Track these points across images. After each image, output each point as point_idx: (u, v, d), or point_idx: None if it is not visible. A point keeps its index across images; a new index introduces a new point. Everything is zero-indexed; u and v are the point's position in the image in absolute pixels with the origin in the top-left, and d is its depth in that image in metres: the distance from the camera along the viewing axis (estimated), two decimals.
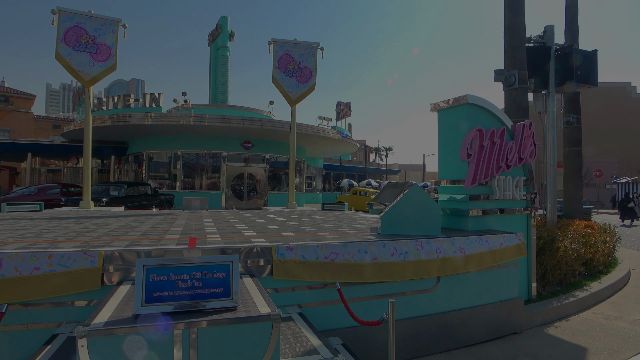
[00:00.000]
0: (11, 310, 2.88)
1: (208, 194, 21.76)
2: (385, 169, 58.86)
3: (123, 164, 26.98)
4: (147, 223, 5.76)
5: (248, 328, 2.35)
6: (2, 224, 5.43)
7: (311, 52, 11.35)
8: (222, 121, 20.04)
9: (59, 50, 10.07)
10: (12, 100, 44.26)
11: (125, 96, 23.54)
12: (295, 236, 4.53)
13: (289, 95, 11.14)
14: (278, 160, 24.61)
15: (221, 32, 35.34)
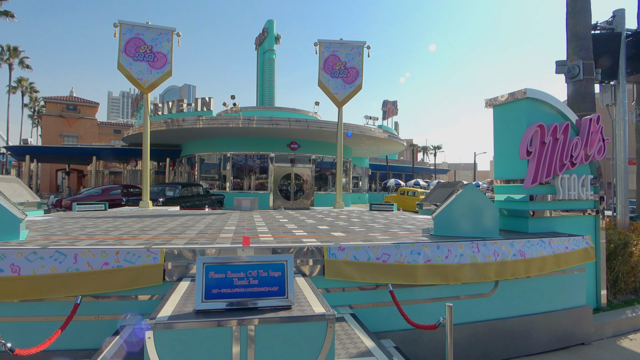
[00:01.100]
0: (84, 302, 3.10)
1: (256, 194, 22.31)
2: (434, 168, 57.17)
3: (177, 165, 28.35)
4: (202, 222, 5.98)
5: (303, 327, 2.36)
6: (74, 222, 5.88)
7: (357, 52, 11.27)
8: (269, 123, 20.44)
9: (121, 61, 10.75)
10: (79, 109, 47.98)
11: (178, 101, 24.73)
12: (345, 236, 4.50)
13: (335, 97, 11.13)
14: (324, 161, 24.71)
15: (267, 36, 36.09)
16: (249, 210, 9.45)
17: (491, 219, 4.49)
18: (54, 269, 3.09)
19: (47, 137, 45.85)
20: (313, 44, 11.34)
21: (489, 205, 4.55)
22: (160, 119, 22.43)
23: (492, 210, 4.52)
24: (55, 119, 46.54)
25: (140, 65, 10.84)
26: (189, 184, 17.96)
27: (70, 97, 49.42)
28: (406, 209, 13.31)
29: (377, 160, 41.68)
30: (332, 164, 24.83)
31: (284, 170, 18.59)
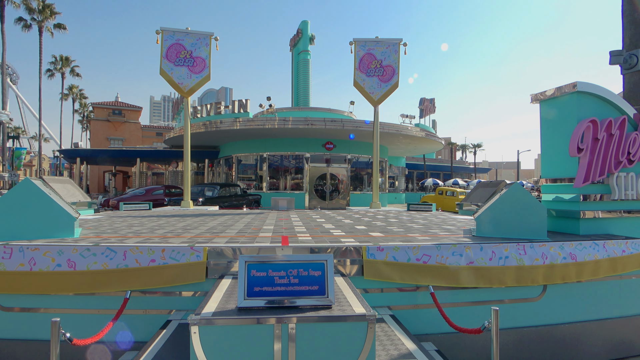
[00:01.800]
0: (133, 296, 3.24)
1: (292, 194, 22.53)
2: (474, 167, 55.31)
3: (215, 166, 29.15)
4: (241, 222, 6.11)
5: (343, 327, 2.34)
6: (122, 220, 6.17)
7: (394, 49, 11.11)
8: (305, 123, 20.59)
9: (163, 67, 11.19)
10: (124, 113, 50.39)
11: (216, 104, 25.43)
12: (384, 237, 4.44)
13: (371, 96, 11.03)
14: (359, 160, 24.58)
15: (302, 37, 36.39)
16: (285, 210, 9.56)
17: (539, 219, 4.28)
18: (106, 264, 3.25)
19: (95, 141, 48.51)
20: (348, 43, 11.30)
21: (537, 205, 4.34)
22: (199, 122, 23.15)
23: (540, 211, 4.31)
24: (102, 123, 49.14)
25: (180, 70, 11.23)
26: (226, 184, 18.42)
27: (115, 102, 52.04)
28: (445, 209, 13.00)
29: (414, 159, 40.96)
30: (368, 163, 24.65)
31: (319, 170, 18.66)
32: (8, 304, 3.38)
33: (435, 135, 26.50)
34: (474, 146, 58.31)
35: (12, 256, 3.31)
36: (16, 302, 3.38)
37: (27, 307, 3.38)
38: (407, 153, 33.50)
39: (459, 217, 7.37)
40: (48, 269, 3.27)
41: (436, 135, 27.02)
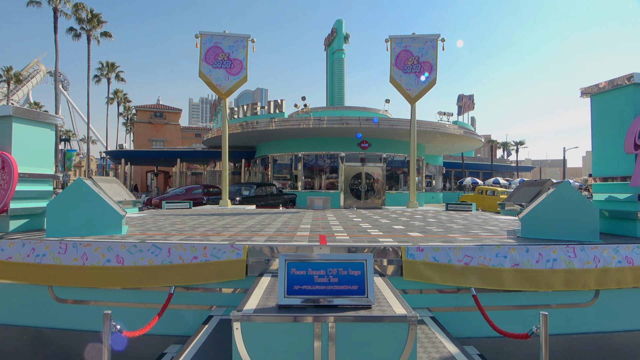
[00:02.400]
0: (177, 292, 3.35)
1: (327, 193, 22.57)
2: (516, 165, 53.03)
3: (252, 166, 29.70)
4: (278, 220, 6.18)
5: (384, 328, 2.31)
6: (165, 218, 6.41)
7: (431, 45, 10.86)
8: (339, 122, 20.55)
9: (202, 69, 11.52)
10: (165, 115, 52.38)
11: (252, 105, 25.91)
12: (423, 237, 4.35)
13: (408, 93, 10.84)
14: (395, 159, 24.25)
15: (336, 36, 36.35)
16: (321, 209, 9.58)
17: (590, 220, 4.04)
18: (151, 261, 3.39)
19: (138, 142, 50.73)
20: (384, 41, 11.16)
21: (588, 206, 4.10)
22: (236, 122, 23.67)
23: (592, 211, 4.06)
24: (144, 125, 51.29)
25: (218, 72, 11.52)
26: (263, 183, 18.72)
27: (156, 105, 54.17)
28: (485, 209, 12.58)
29: (452, 157, 39.90)
30: (404, 162, 24.28)
31: (354, 169, 18.59)
32: (62, 296, 3.59)
33: (474, 133, 25.69)
34: (515, 143, 55.82)
35: (67, 251, 3.52)
36: (70, 294, 3.59)
37: (79, 299, 3.58)
38: (444, 151, 32.71)
39: (501, 218, 7.10)
40: (99, 264, 3.45)
41: (475, 133, 26.18)
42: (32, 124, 4.59)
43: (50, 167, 4.85)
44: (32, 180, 4.51)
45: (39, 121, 4.68)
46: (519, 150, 55.13)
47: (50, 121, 4.82)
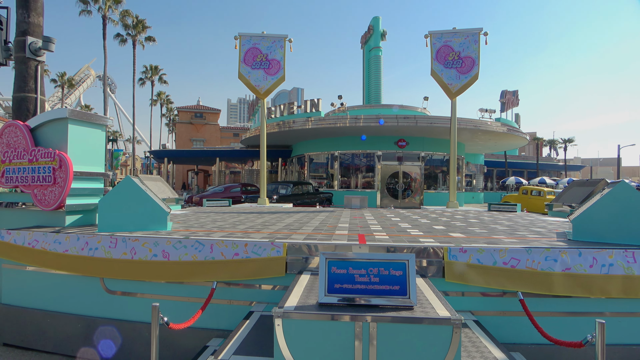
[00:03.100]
0: (218, 287, 3.43)
1: (363, 192, 22.43)
2: (564, 164, 50.26)
3: (288, 165, 30.02)
4: (316, 219, 6.20)
5: (427, 330, 2.26)
6: (206, 216, 6.60)
7: (473, 40, 10.52)
8: (376, 121, 20.35)
9: (241, 70, 11.76)
10: (205, 116, 53.98)
11: (289, 104, 26.16)
12: (465, 238, 4.21)
13: (449, 87, 10.55)
14: (433, 158, 23.70)
15: (373, 33, 35.98)
16: (358, 208, 9.52)
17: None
18: (195, 256, 3.49)
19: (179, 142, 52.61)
20: (423, 37, 10.93)
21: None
22: (273, 122, 24.00)
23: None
24: (185, 126, 53.10)
25: (257, 73, 11.72)
26: (299, 182, 18.87)
27: (197, 106, 55.93)
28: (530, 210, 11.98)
29: (494, 156, 38.48)
30: (443, 161, 23.69)
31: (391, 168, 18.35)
32: (113, 288, 3.78)
33: (518, 130, 24.63)
34: (564, 141, 52.81)
35: (117, 245, 3.69)
36: (119, 286, 3.77)
37: (127, 291, 3.75)
38: (486, 150, 31.61)
39: (549, 219, 6.75)
40: (146, 258, 3.59)
41: (519, 130, 25.09)
42: (85, 125, 4.86)
43: (101, 166, 5.11)
44: (85, 179, 4.78)
45: (91, 122, 4.95)
46: (567, 148, 52.13)
47: (101, 122, 5.08)
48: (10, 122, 4.92)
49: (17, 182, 4.70)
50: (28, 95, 6.95)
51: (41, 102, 7.15)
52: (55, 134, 4.70)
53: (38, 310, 4.05)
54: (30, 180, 4.60)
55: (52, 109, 4.85)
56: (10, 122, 4.92)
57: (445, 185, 23.74)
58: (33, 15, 6.99)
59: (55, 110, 4.75)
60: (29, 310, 4.08)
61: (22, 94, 6.92)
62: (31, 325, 4.04)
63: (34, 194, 4.61)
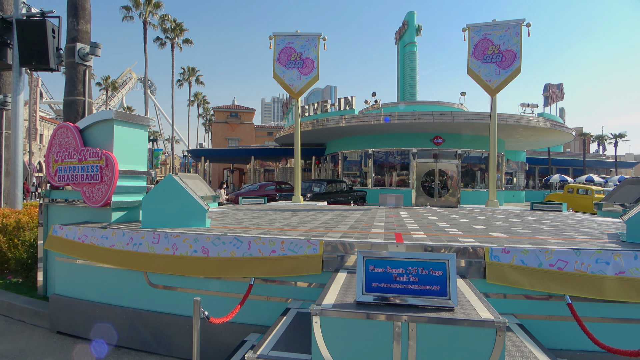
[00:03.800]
0: (256, 283, 3.49)
1: (398, 190, 22.14)
2: (614, 161, 47.22)
3: (322, 163, 30.10)
4: (351, 217, 6.17)
5: (469, 332, 2.18)
6: (242, 213, 6.73)
7: (514, 32, 10.08)
8: (411, 118, 20.00)
9: (275, 70, 11.88)
10: (240, 115, 55.12)
11: (323, 102, 26.22)
12: (508, 238, 4.05)
13: (488, 84, 10.17)
14: (471, 155, 23.02)
15: (408, 29, 35.39)
16: (393, 206, 9.40)
17: None
18: (233, 253, 3.56)
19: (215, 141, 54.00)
20: (461, 30, 10.60)
21: None
22: (306, 120, 24.13)
23: None
24: (221, 125, 54.43)
25: (291, 72, 11.79)
26: (333, 180, 18.87)
27: (232, 106, 57.21)
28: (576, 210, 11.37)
29: (536, 153, 36.85)
30: (481, 158, 22.97)
31: (426, 166, 18.00)
32: (155, 282, 3.93)
33: (562, 125, 23.45)
34: (614, 136, 49.50)
35: (159, 241, 3.83)
36: (161, 280, 3.91)
37: (168, 285, 3.88)
38: (527, 146, 30.35)
39: (598, 219, 6.37)
40: (187, 254, 3.71)
41: (564, 125, 23.88)
42: (129, 125, 5.08)
43: (144, 164, 5.32)
44: (129, 177, 4.99)
45: (135, 123, 5.16)
46: (617, 143, 48.86)
47: (144, 123, 5.29)
48: (61, 124, 5.22)
49: (68, 180, 4.98)
50: (77, 98, 7.35)
51: (89, 105, 7.54)
52: (102, 134, 4.94)
53: (87, 301, 4.27)
54: (80, 179, 4.85)
55: (99, 111, 5.10)
56: (62, 123, 5.21)
57: (484, 183, 22.99)
58: (82, 22, 7.37)
59: (102, 112, 4.98)
60: (79, 301, 4.31)
61: (72, 97, 7.32)
62: (81, 315, 4.27)
63: (83, 191, 4.87)
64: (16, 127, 7.77)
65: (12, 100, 8.32)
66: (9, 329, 4.50)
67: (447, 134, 21.80)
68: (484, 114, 18.46)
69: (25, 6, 7.65)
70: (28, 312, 4.79)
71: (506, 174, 28.54)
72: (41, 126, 47.61)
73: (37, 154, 44.69)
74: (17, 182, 7.97)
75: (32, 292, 5.31)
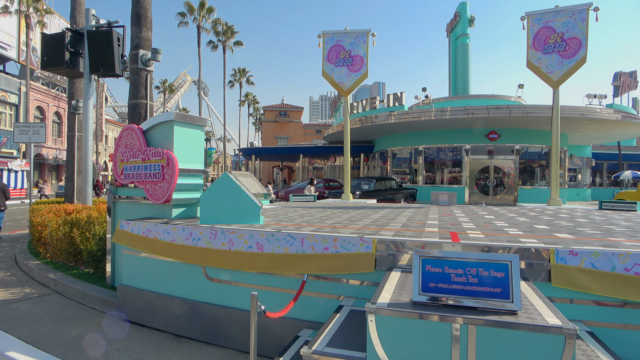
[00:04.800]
0: (308, 280, 3.52)
1: (450, 188, 21.43)
2: None
3: (370, 160, 29.83)
4: (402, 215, 6.06)
5: (535, 339, 2.06)
6: (293, 210, 6.83)
7: (580, 18, 9.36)
8: (464, 113, 19.26)
9: (325, 69, 11.92)
10: (288, 114, 56.00)
11: (371, 99, 25.97)
12: (575, 239, 3.78)
13: (549, 76, 9.54)
14: (529, 151, 21.76)
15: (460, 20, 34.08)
16: (446, 205, 9.11)
17: None
18: (287, 249, 3.62)
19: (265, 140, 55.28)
20: (519, 19, 10.03)
21: None
22: (355, 117, 24.02)
23: None
24: (271, 124, 55.60)
25: (340, 70, 11.78)
26: (382, 178, 18.65)
27: (281, 105, 58.26)
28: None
29: (604, 147, 33.99)
30: (541, 154, 21.65)
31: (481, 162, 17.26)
32: (213, 275, 4.09)
33: (635, 117, 21.44)
34: None
35: (216, 237, 3.99)
36: (218, 274, 4.06)
37: (225, 279, 4.03)
38: (594, 140, 28.11)
39: None
40: (242, 249, 3.82)
41: (637, 117, 21.84)
42: (187, 126, 5.32)
43: (201, 163, 5.56)
44: (188, 175, 5.23)
45: (193, 124, 5.40)
46: None
47: (201, 123, 5.52)
48: (127, 125, 5.59)
49: (132, 178, 5.32)
50: (140, 101, 7.83)
51: (150, 107, 8.00)
52: (163, 135, 5.23)
53: (150, 291, 4.55)
54: (143, 177, 5.17)
55: (160, 113, 5.39)
56: (127, 125, 5.58)
57: (544, 180, 21.65)
58: (144, 30, 7.84)
59: (163, 114, 5.27)
60: (143, 292, 4.60)
61: (135, 100, 7.81)
62: (145, 304, 4.55)
63: (146, 189, 5.18)
64: (86, 130, 8.42)
65: (82, 105, 9.04)
66: (83, 315, 4.90)
67: (502, 128, 20.75)
68: (544, 107, 17.35)
69: (94, 18, 8.26)
70: (98, 300, 5.20)
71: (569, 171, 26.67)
72: (106, 128, 51.36)
73: (102, 154, 48.24)
74: (87, 180, 8.65)
75: (102, 281, 5.75)
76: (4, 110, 32.88)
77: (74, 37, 8.13)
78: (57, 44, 7.99)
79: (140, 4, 7.86)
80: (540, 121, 18.31)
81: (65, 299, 5.50)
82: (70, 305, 5.28)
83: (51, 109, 38.43)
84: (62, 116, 39.46)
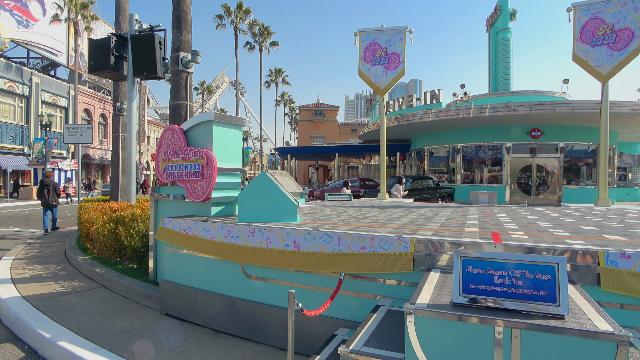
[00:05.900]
0: (345, 279, 3.53)
1: (489, 187, 20.75)
2: None
3: (407, 159, 29.39)
4: (441, 215, 5.94)
5: (583, 345, 1.97)
6: (329, 209, 6.86)
7: (633, 7, 8.77)
8: (505, 109, 18.57)
9: (361, 68, 11.87)
10: (324, 113, 56.11)
11: (408, 97, 25.58)
12: (627, 241, 3.57)
13: (598, 70, 9.02)
14: (575, 149, 20.68)
15: (501, 14, 32.84)
16: (486, 204, 8.83)
17: None
18: (323, 248, 3.65)
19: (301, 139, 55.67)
20: (565, 11, 9.55)
21: None
22: (391, 116, 23.73)
23: None
24: (306, 123, 55.92)
25: (377, 69, 11.69)
26: (419, 177, 18.33)
27: (316, 104, 58.47)
28: None
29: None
30: (587, 152, 20.54)
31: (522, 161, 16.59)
32: (250, 273, 4.18)
33: None
34: None
35: (254, 235, 4.07)
36: (256, 271, 4.15)
37: (262, 276, 4.11)
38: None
39: None
40: (279, 247, 3.89)
41: None
42: (226, 126, 5.47)
43: (239, 162, 5.69)
44: (227, 174, 5.37)
45: (231, 124, 5.54)
46: None
47: (239, 123, 5.65)
48: (168, 126, 5.81)
49: (174, 177, 5.53)
50: (180, 102, 8.12)
51: (190, 108, 8.28)
52: (202, 135, 5.40)
53: (190, 287, 4.71)
54: (184, 176, 5.36)
55: (199, 114, 5.56)
56: (169, 126, 5.80)
57: (591, 179, 20.51)
58: (184, 33, 8.12)
59: (202, 114, 5.44)
60: (183, 287, 4.77)
61: (176, 101, 8.11)
62: (185, 300, 4.72)
63: (187, 187, 5.37)
64: (130, 131, 8.84)
65: (126, 107, 9.49)
66: (127, 309, 5.15)
67: (546, 125, 19.84)
68: (591, 103, 16.43)
69: (137, 23, 8.64)
70: (142, 294, 5.44)
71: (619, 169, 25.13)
72: (148, 129, 53.63)
73: (145, 154, 50.40)
74: (131, 179, 9.07)
75: (145, 277, 6.02)
76: (55, 113, 35.08)
77: (118, 42, 8.55)
78: (103, 48, 8.43)
79: (181, 8, 8.14)
80: (587, 117, 17.35)
81: (110, 293, 5.80)
82: (116, 298, 5.57)
83: (97, 111, 40.62)
84: (108, 118, 41.62)
